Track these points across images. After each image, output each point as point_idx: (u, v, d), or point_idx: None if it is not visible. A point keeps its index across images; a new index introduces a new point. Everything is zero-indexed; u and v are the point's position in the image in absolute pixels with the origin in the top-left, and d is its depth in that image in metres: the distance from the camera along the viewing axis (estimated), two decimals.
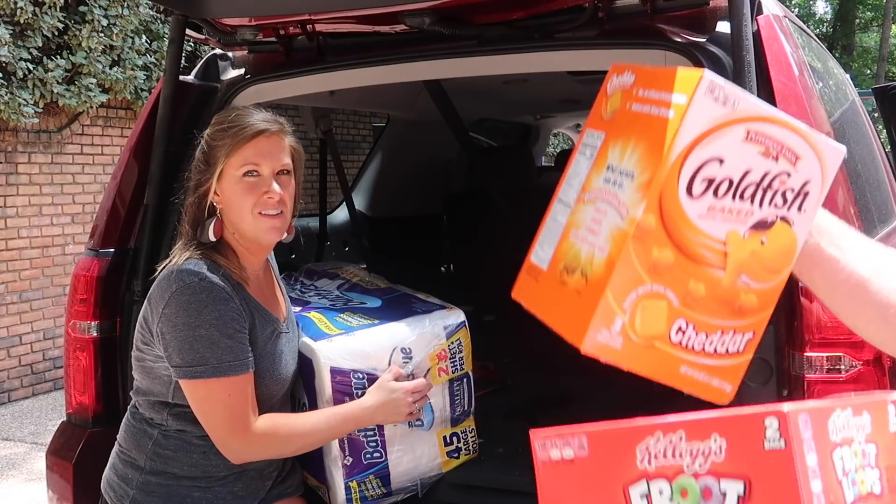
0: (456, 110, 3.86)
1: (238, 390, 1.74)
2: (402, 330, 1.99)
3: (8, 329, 6.30)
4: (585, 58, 2.28)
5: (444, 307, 2.10)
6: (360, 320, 2.04)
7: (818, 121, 1.88)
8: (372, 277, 2.41)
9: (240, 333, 1.76)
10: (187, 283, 1.73)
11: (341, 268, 2.54)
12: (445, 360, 1.99)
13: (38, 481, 4.48)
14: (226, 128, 1.83)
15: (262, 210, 1.80)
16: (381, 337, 1.97)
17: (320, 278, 2.45)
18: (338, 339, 1.95)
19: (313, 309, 2.13)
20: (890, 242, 2.26)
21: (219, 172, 1.81)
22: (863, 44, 25.99)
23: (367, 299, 2.22)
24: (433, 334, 2.01)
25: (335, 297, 2.28)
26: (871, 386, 1.69)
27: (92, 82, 6.35)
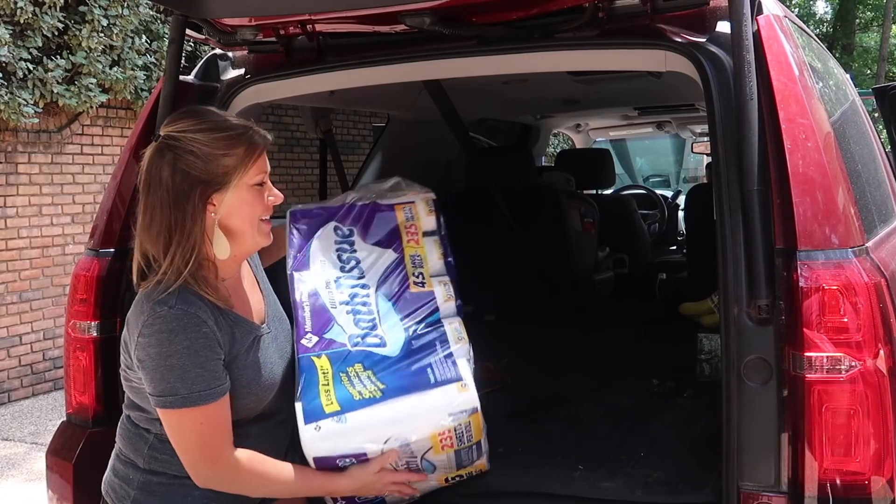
0: (456, 110, 3.86)
1: (209, 419, 1.72)
2: (402, 415, 1.81)
3: (8, 329, 6.30)
4: (585, 58, 2.28)
5: (457, 379, 1.85)
6: (365, 386, 1.84)
7: (818, 121, 1.88)
8: (430, 265, 2.08)
9: (211, 361, 1.71)
10: (157, 313, 1.69)
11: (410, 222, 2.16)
12: (450, 440, 1.84)
13: (38, 481, 4.48)
14: (229, 135, 1.74)
15: (264, 216, 1.82)
16: (377, 422, 1.80)
17: (381, 243, 2.11)
18: (327, 426, 1.79)
19: (325, 349, 1.91)
20: (890, 242, 2.26)
21: (225, 185, 1.73)
22: (863, 44, 25.97)
23: (392, 331, 1.95)
24: (437, 418, 1.82)
25: (366, 303, 2.00)
26: (872, 386, 1.69)
27: (92, 82, 6.35)
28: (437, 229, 2.14)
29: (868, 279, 1.71)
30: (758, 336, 1.77)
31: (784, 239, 1.76)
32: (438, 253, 2.10)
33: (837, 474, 1.71)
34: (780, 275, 1.76)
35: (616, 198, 5.73)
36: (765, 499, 1.77)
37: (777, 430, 1.75)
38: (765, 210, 1.78)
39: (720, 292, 1.85)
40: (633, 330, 3.91)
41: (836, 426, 1.70)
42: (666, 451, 2.37)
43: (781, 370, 1.75)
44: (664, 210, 6.61)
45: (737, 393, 1.78)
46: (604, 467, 2.27)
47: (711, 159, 1.95)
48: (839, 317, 1.69)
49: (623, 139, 7.99)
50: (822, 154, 1.81)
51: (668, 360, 3.40)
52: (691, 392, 3.04)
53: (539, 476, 2.24)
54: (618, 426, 2.65)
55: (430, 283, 2.04)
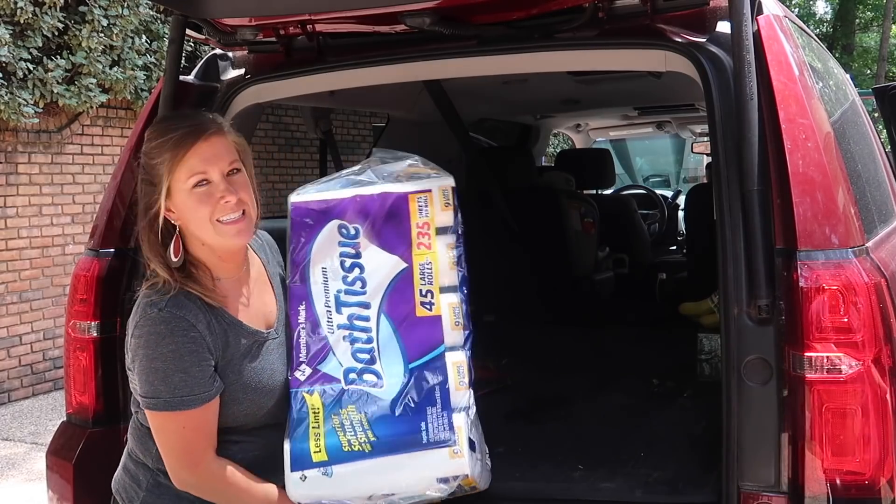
0: (456, 110, 3.86)
1: (192, 424, 1.71)
2: (390, 474, 1.76)
3: (8, 329, 6.29)
4: (585, 58, 2.29)
5: (450, 444, 1.75)
6: (356, 436, 1.77)
7: (818, 121, 1.88)
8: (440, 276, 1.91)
9: (197, 367, 1.69)
10: (148, 315, 1.70)
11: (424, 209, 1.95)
12: (439, 495, 1.79)
13: (38, 481, 4.48)
14: (161, 141, 1.72)
15: (220, 217, 1.72)
16: (363, 477, 1.76)
17: (389, 246, 1.92)
18: (313, 476, 1.76)
19: (318, 383, 1.84)
20: (890, 242, 2.26)
21: (166, 190, 1.71)
22: (863, 44, 25.96)
23: (390, 367, 1.84)
24: (426, 482, 1.77)
25: (367, 329, 1.87)
26: (872, 386, 1.69)
27: (92, 82, 6.35)
28: (452, 226, 1.92)
29: (868, 279, 1.71)
30: (758, 336, 1.77)
31: (784, 239, 1.76)
32: (451, 260, 1.90)
33: (837, 474, 1.71)
34: (780, 275, 1.76)
35: (616, 198, 5.74)
36: (765, 499, 1.77)
37: (777, 430, 1.75)
38: (765, 210, 1.78)
39: (720, 292, 1.85)
40: (633, 330, 3.91)
41: (837, 426, 1.70)
42: (666, 451, 2.37)
43: (781, 370, 1.75)
44: (664, 210, 6.61)
45: (737, 393, 1.78)
46: (604, 467, 2.27)
47: (711, 159, 1.95)
48: (839, 317, 1.69)
49: (623, 139, 7.99)
50: (822, 154, 1.81)
51: (668, 360, 3.40)
52: (691, 392, 3.04)
53: (539, 476, 2.24)
54: (618, 426, 2.65)
55: (438, 304, 1.87)
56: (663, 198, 6.80)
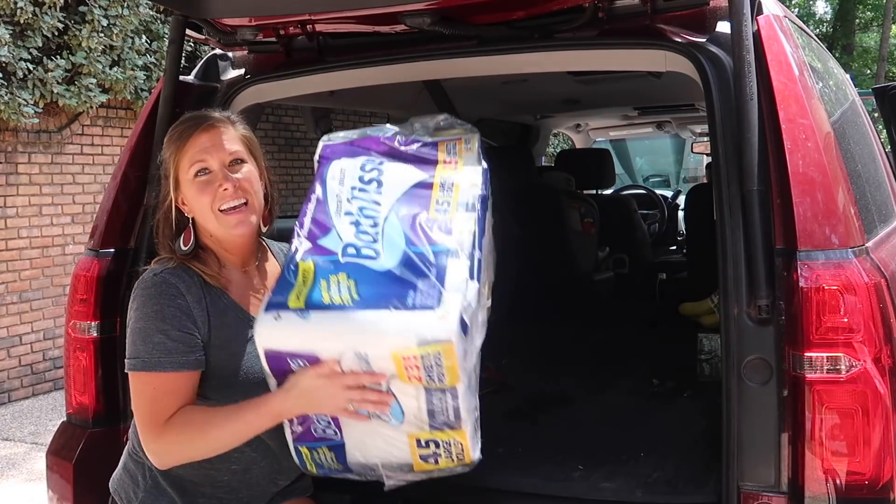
0: (456, 110, 3.86)
1: (165, 387, 1.70)
2: (367, 325, 1.60)
3: (8, 329, 6.29)
4: (585, 58, 2.29)
5: (437, 307, 1.62)
6: (340, 294, 1.64)
7: (818, 121, 1.88)
8: (460, 193, 1.84)
9: (178, 331, 1.71)
10: (143, 279, 1.77)
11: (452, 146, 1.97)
12: (417, 369, 1.61)
13: (38, 481, 4.48)
14: (169, 135, 1.83)
15: (221, 206, 1.77)
16: (338, 326, 1.61)
17: (412, 162, 1.91)
18: (288, 317, 1.62)
19: (316, 253, 1.73)
20: (890, 242, 2.26)
21: (173, 181, 1.80)
22: (863, 44, 25.96)
23: (391, 247, 1.73)
24: (403, 338, 1.60)
25: (374, 218, 1.78)
26: (872, 386, 1.69)
27: (92, 82, 6.35)
28: (479, 165, 1.91)
29: (868, 279, 1.71)
30: (758, 336, 1.77)
31: (784, 239, 1.76)
32: (474, 184, 1.85)
33: (837, 474, 1.71)
34: (780, 275, 1.76)
35: (616, 198, 5.74)
36: (765, 499, 1.77)
37: (777, 430, 1.75)
38: (765, 210, 1.78)
39: (720, 292, 1.85)
40: (633, 330, 3.91)
41: (836, 426, 1.70)
42: (666, 451, 2.37)
43: (781, 370, 1.75)
44: (664, 210, 6.61)
45: (737, 393, 1.78)
46: (604, 467, 2.27)
47: (711, 159, 1.96)
48: (839, 317, 1.69)
49: (623, 139, 7.99)
50: (822, 154, 1.81)
51: (668, 360, 3.40)
52: (691, 392, 3.04)
53: (539, 476, 2.24)
54: (618, 426, 2.65)
55: (454, 212, 1.78)
56: (663, 198, 6.80)
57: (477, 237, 1.76)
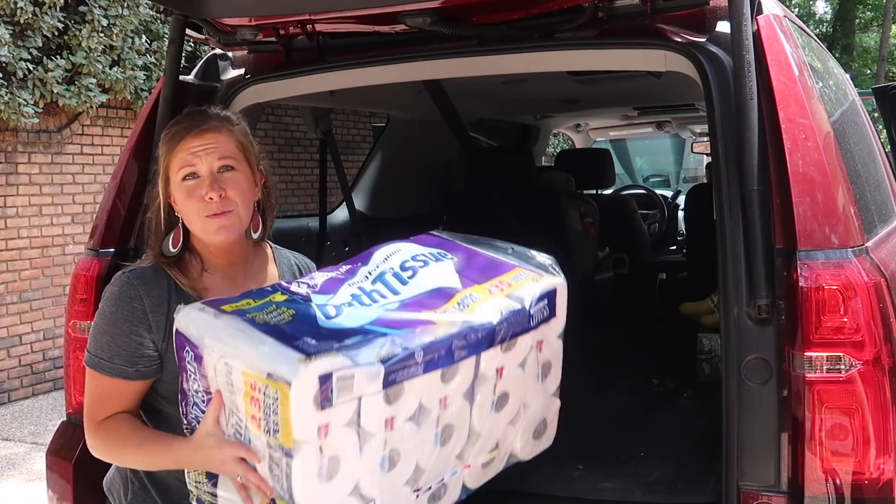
0: (456, 110, 3.86)
1: (103, 390, 1.71)
2: (246, 341, 1.48)
3: (8, 329, 6.30)
4: (585, 58, 2.29)
5: (312, 355, 1.42)
6: (266, 316, 1.55)
7: (818, 121, 1.88)
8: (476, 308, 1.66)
9: (125, 337, 1.69)
10: (115, 278, 1.78)
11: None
12: (257, 404, 1.45)
13: (38, 481, 4.48)
14: (165, 133, 1.80)
15: (206, 214, 1.73)
16: (227, 335, 1.51)
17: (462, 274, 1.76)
18: (206, 312, 1.56)
19: (296, 298, 1.63)
20: (890, 242, 2.26)
21: (164, 180, 1.77)
22: (863, 44, 25.96)
23: (353, 319, 1.58)
24: (257, 361, 1.45)
25: (375, 302, 1.65)
26: (872, 386, 1.69)
27: (92, 82, 6.35)
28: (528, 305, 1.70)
29: (868, 279, 1.71)
30: (758, 336, 1.77)
31: (784, 239, 1.76)
32: (497, 311, 1.64)
33: (837, 474, 1.71)
34: (780, 275, 1.76)
35: (616, 198, 5.73)
36: (765, 499, 1.77)
37: (777, 430, 1.75)
38: (765, 210, 1.78)
39: (720, 292, 1.85)
40: (633, 330, 3.92)
41: (836, 426, 1.70)
42: (666, 451, 2.37)
43: (781, 370, 1.75)
44: (664, 210, 6.61)
45: (737, 393, 1.78)
46: (604, 467, 2.27)
47: (711, 159, 1.96)
48: (839, 316, 1.69)
49: (623, 139, 7.99)
50: (822, 154, 1.81)
51: (668, 360, 3.40)
52: (691, 392, 3.05)
53: (539, 476, 2.24)
54: (618, 426, 2.65)
55: (445, 319, 1.60)
56: (663, 198, 6.80)
57: (445, 347, 1.54)
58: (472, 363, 1.61)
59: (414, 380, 1.52)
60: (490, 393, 1.68)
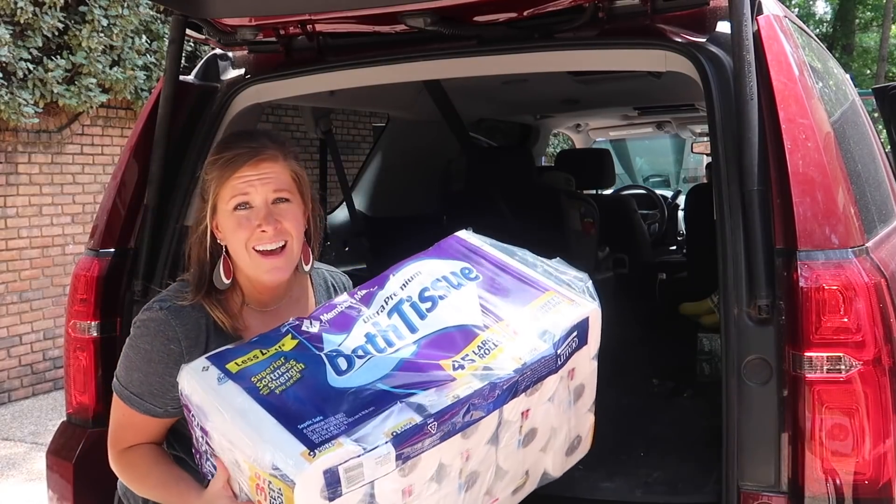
0: (456, 110, 3.86)
1: (129, 421, 1.72)
2: (248, 424, 1.44)
3: (8, 329, 6.29)
4: (585, 58, 2.29)
5: (311, 446, 1.37)
6: (272, 380, 1.49)
7: (818, 121, 1.88)
8: (495, 360, 1.55)
9: (158, 377, 1.67)
10: (150, 307, 1.72)
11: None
12: (263, 495, 1.42)
13: (38, 481, 4.48)
14: (215, 158, 1.71)
15: (256, 246, 1.66)
16: (230, 414, 1.46)
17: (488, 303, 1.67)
18: (210, 375, 1.52)
19: (310, 339, 1.59)
20: (890, 242, 2.26)
21: (212, 207, 1.70)
22: (863, 44, 25.96)
23: (366, 373, 1.51)
24: (261, 454, 1.40)
25: (389, 342, 1.58)
26: (872, 386, 1.69)
27: (92, 82, 6.35)
28: (555, 343, 1.59)
29: (868, 279, 1.71)
30: (758, 336, 1.77)
31: (784, 239, 1.76)
32: (519, 358, 1.55)
33: (837, 474, 1.71)
34: (780, 275, 1.76)
35: (616, 198, 5.73)
36: (765, 499, 1.77)
37: (777, 430, 1.75)
38: (765, 210, 1.78)
39: (720, 292, 1.85)
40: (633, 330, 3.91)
41: (836, 426, 1.70)
42: (666, 451, 2.37)
43: (781, 370, 1.75)
44: (664, 210, 6.60)
45: (737, 393, 1.78)
46: (604, 467, 2.27)
47: (711, 159, 1.96)
48: (839, 317, 1.69)
49: (623, 139, 7.99)
50: (822, 154, 1.81)
51: (668, 360, 3.40)
52: (691, 392, 3.05)
53: None
54: (618, 426, 2.65)
55: (465, 373, 1.50)
56: (663, 198, 6.80)
57: (464, 409, 1.46)
58: (494, 417, 1.52)
59: (430, 450, 1.44)
60: (516, 433, 1.61)
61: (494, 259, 1.76)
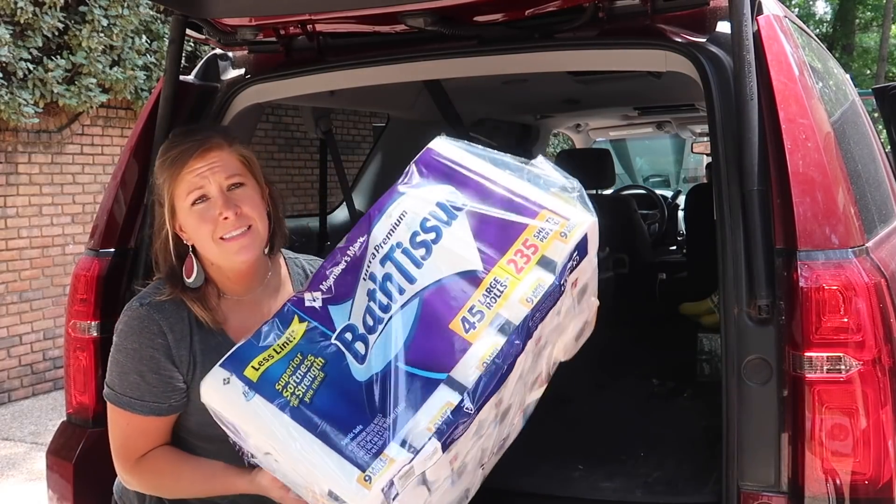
0: (456, 110, 3.86)
1: (136, 427, 1.69)
2: (292, 444, 1.44)
3: (8, 329, 6.30)
4: (585, 58, 2.29)
5: (364, 468, 1.39)
6: (298, 386, 1.48)
7: (818, 121, 1.88)
8: (504, 307, 1.50)
9: (154, 374, 1.66)
10: (130, 305, 1.72)
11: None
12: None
13: (38, 481, 4.48)
14: (161, 160, 1.71)
15: (223, 235, 1.66)
16: (269, 432, 1.46)
17: (479, 238, 1.57)
18: (233, 389, 1.50)
19: (317, 318, 1.56)
20: (890, 242, 2.26)
21: (170, 209, 1.69)
22: (863, 44, 25.95)
23: (379, 352, 1.50)
24: (315, 478, 1.43)
25: (391, 298, 1.54)
26: (872, 386, 1.69)
27: (92, 82, 6.36)
28: (559, 271, 1.53)
29: (868, 279, 1.71)
30: (758, 336, 1.77)
31: (784, 239, 1.76)
32: (528, 297, 1.50)
33: (837, 474, 1.71)
34: (780, 275, 1.76)
35: (616, 198, 5.73)
36: (765, 499, 1.77)
37: (777, 430, 1.75)
38: (765, 210, 1.78)
39: (720, 292, 1.85)
40: (633, 330, 3.91)
41: (836, 426, 1.70)
42: (666, 451, 2.37)
43: (781, 370, 1.75)
44: (664, 210, 6.60)
45: (737, 393, 1.78)
46: (604, 467, 2.27)
47: (711, 159, 1.96)
48: (839, 317, 1.69)
49: (623, 139, 7.99)
50: (822, 154, 1.81)
51: (668, 360, 3.40)
52: (691, 392, 3.05)
53: (539, 476, 2.24)
54: (618, 426, 2.65)
55: (480, 330, 1.48)
56: (663, 198, 6.80)
57: (491, 374, 1.45)
58: (518, 363, 1.51)
59: (471, 426, 1.45)
60: (531, 356, 1.59)
61: (478, 173, 1.65)
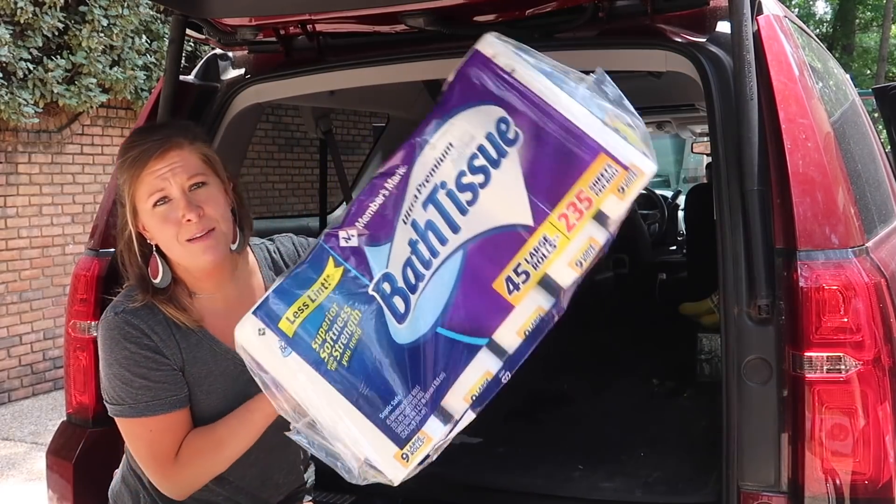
0: None
1: (162, 429, 1.64)
2: (330, 410, 1.43)
3: (8, 329, 6.30)
4: (585, 58, 2.28)
5: (403, 444, 1.41)
6: (335, 345, 1.44)
7: (818, 121, 1.88)
8: (553, 267, 1.43)
9: (157, 371, 1.64)
10: (105, 318, 1.67)
11: None
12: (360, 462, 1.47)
13: (38, 481, 4.48)
14: (121, 161, 1.67)
15: (186, 237, 1.63)
16: (306, 393, 1.44)
17: (531, 188, 1.43)
18: (269, 341, 1.45)
19: (355, 263, 1.47)
20: (890, 242, 2.27)
21: (131, 210, 1.66)
22: (863, 44, 25.96)
23: (424, 311, 1.44)
24: (353, 449, 1.43)
25: (434, 252, 1.45)
26: (872, 386, 1.69)
27: (92, 82, 6.35)
28: (612, 223, 1.42)
29: (868, 279, 1.71)
30: (758, 336, 1.77)
31: (784, 239, 1.76)
32: (579, 258, 1.42)
33: (837, 474, 1.71)
34: (780, 275, 1.76)
35: None
36: (765, 499, 1.77)
37: (777, 430, 1.75)
38: (765, 210, 1.78)
39: (720, 292, 1.85)
40: (633, 330, 3.91)
41: (837, 426, 1.70)
42: (666, 451, 2.37)
43: (781, 370, 1.75)
44: (664, 210, 6.61)
45: (737, 393, 1.78)
46: (604, 467, 2.27)
47: (711, 159, 1.96)
48: (839, 317, 1.69)
49: None
50: (822, 154, 1.81)
51: (668, 360, 3.40)
52: (691, 392, 3.05)
53: (539, 476, 2.24)
54: (618, 426, 2.65)
55: (525, 292, 1.42)
56: (663, 198, 6.80)
57: (531, 340, 1.43)
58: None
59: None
60: None
61: (532, 91, 1.46)
